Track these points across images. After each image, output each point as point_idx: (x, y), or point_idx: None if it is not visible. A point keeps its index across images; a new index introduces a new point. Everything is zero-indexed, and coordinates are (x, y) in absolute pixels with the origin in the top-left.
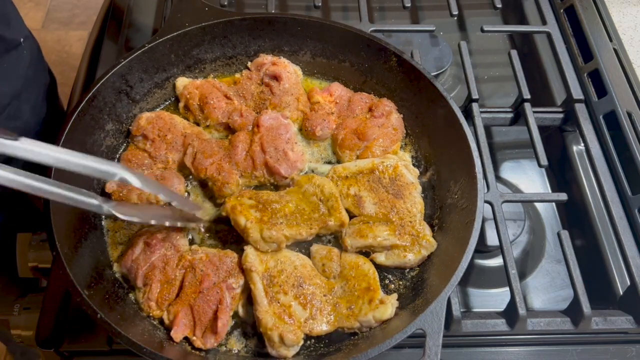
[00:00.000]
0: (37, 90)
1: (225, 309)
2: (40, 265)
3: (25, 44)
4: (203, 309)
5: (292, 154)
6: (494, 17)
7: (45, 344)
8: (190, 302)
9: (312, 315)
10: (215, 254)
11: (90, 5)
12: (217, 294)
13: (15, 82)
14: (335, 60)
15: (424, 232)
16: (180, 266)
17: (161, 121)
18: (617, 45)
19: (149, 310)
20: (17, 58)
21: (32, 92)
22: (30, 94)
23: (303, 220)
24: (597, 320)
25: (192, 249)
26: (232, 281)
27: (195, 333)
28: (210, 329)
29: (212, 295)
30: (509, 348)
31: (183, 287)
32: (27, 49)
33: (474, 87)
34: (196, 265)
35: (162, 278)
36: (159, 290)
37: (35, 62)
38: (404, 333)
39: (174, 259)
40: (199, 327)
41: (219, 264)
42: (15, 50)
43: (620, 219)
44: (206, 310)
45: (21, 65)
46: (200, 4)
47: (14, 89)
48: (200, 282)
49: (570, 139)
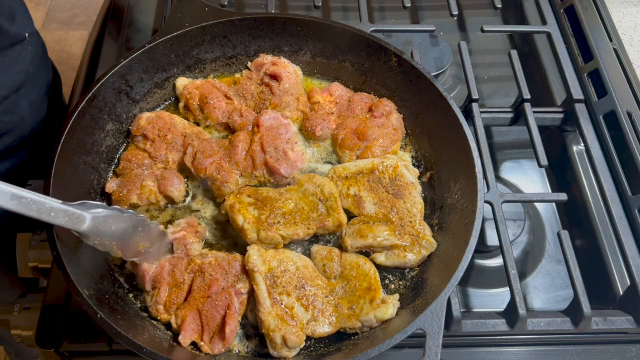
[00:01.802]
0: (37, 87)
1: (233, 315)
2: (40, 265)
3: (31, 39)
4: (211, 314)
5: (292, 154)
6: (494, 17)
7: (45, 344)
8: (199, 307)
9: (314, 317)
10: (225, 258)
11: (90, 5)
12: (226, 299)
13: (15, 76)
14: (335, 60)
15: (424, 232)
16: (190, 270)
17: (161, 121)
18: (617, 45)
19: (157, 313)
20: (20, 53)
21: (33, 88)
22: (30, 90)
23: (301, 220)
24: (597, 320)
25: (202, 253)
26: (240, 286)
27: (203, 338)
28: (218, 335)
29: (221, 300)
30: (509, 348)
31: (191, 291)
32: (31, 45)
33: (474, 87)
34: (205, 269)
35: (171, 281)
36: (167, 294)
37: (39, 59)
38: (404, 333)
39: (183, 262)
40: (207, 332)
41: (228, 268)
42: (19, 45)
43: (620, 219)
44: (214, 315)
45: (23, 60)
46: (200, 4)
47: (14, 82)
48: (209, 286)
49: (570, 139)
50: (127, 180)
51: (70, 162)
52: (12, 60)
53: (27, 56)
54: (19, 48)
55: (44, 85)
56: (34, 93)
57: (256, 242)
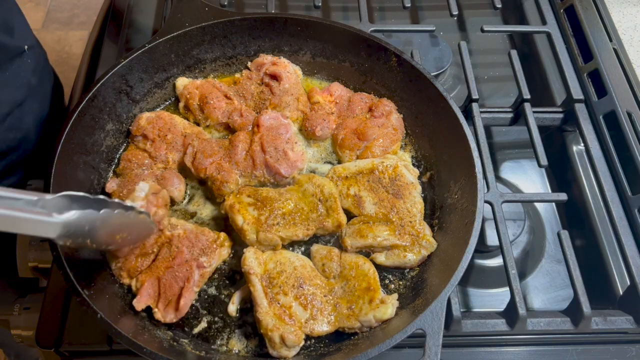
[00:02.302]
0: (41, 99)
1: (190, 288)
2: (40, 265)
3: (30, 52)
4: (170, 284)
5: (292, 154)
6: (494, 17)
7: (45, 344)
8: (159, 275)
9: (312, 316)
10: (193, 231)
11: (90, 5)
12: (187, 271)
13: (17, 91)
14: (335, 60)
15: (424, 232)
16: (159, 243)
17: (161, 121)
18: (617, 45)
19: (120, 277)
20: (20, 66)
21: (36, 102)
22: (33, 103)
23: (301, 221)
24: (597, 320)
25: (172, 223)
26: (203, 260)
27: (158, 305)
28: (172, 305)
29: (181, 272)
30: (509, 348)
31: (156, 260)
32: (31, 58)
33: (474, 87)
34: (173, 241)
35: (139, 251)
36: (133, 263)
37: (41, 70)
38: (404, 333)
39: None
40: (163, 301)
41: (195, 241)
42: (19, 58)
43: (620, 219)
44: (172, 285)
45: (24, 74)
46: (200, 4)
47: (16, 97)
48: (173, 258)
49: (570, 139)
50: (127, 180)
51: (70, 162)
52: (12, 75)
53: (27, 69)
54: (18, 61)
55: (47, 97)
56: (38, 106)
57: (255, 243)
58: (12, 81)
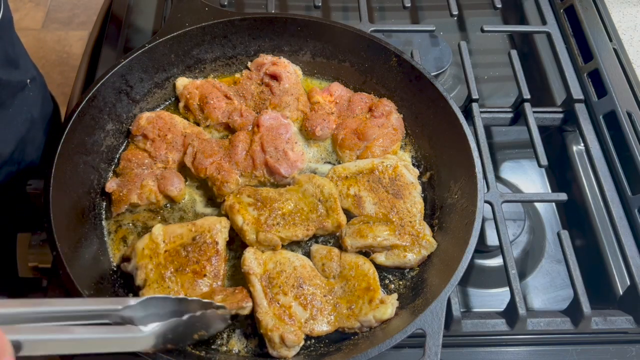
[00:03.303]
0: (42, 129)
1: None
2: (40, 265)
3: (32, 84)
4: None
5: (292, 154)
6: (494, 17)
7: None
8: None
9: (312, 316)
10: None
11: (90, 5)
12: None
13: (20, 126)
14: (335, 60)
15: (424, 232)
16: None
17: (161, 121)
18: (617, 45)
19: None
20: (23, 100)
21: (37, 132)
22: (35, 134)
23: (301, 221)
24: (597, 320)
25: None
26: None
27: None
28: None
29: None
30: (509, 348)
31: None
32: (33, 90)
33: (474, 87)
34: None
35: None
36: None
37: (42, 100)
38: (404, 333)
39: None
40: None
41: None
42: (21, 92)
43: (620, 219)
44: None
45: (27, 108)
46: (200, 4)
47: (20, 134)
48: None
49: (570, 139)
50: (127, 179)
51: (70, 162)
52: (15, 111)
53: (30, 103)
54: (20, 96)
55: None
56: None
57: (255, 243)
58: (17, 117)
